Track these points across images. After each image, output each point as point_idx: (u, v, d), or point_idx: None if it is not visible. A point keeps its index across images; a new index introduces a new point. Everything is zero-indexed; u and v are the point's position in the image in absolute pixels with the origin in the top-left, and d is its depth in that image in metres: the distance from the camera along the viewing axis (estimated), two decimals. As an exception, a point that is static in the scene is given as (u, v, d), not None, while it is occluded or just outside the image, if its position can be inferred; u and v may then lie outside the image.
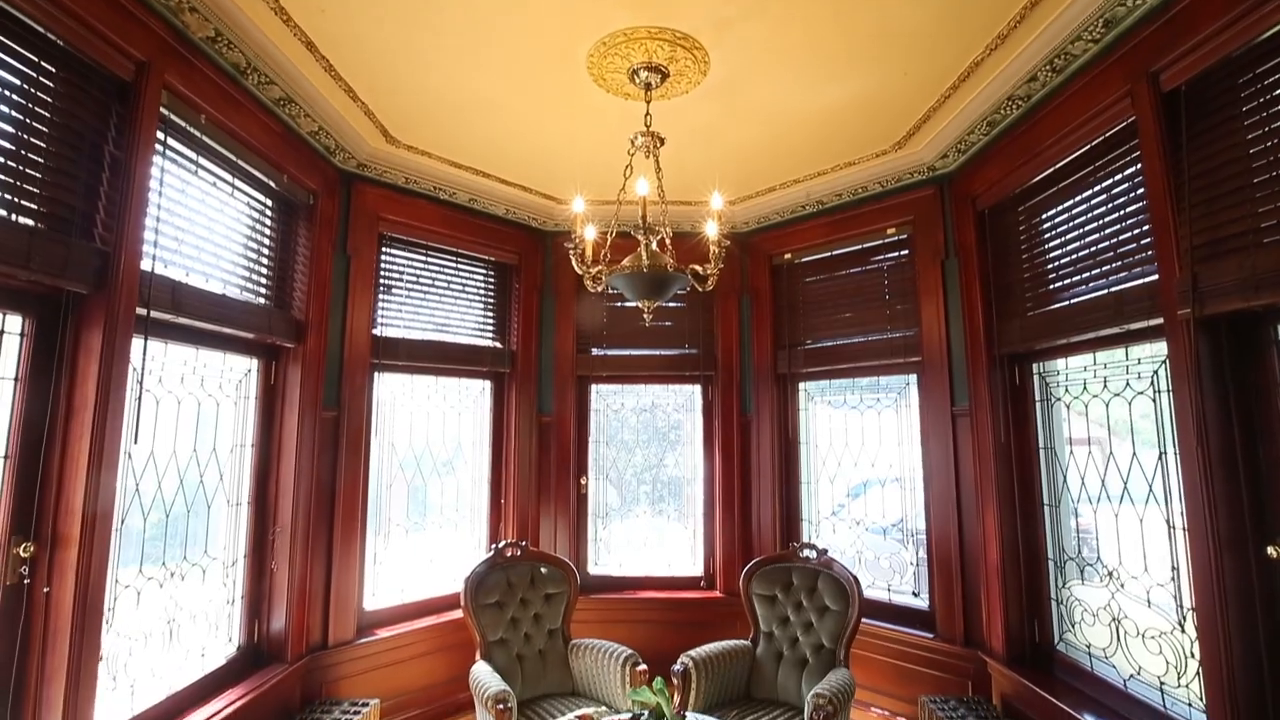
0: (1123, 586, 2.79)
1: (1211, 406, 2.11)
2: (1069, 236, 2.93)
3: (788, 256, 4.58)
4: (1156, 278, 2.34)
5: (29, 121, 1.97)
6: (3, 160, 1.90)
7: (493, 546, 3.57)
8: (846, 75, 2.95)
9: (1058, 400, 3.20)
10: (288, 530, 3.25)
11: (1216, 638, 2.07)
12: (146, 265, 2.34)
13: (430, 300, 4.21)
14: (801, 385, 4.56)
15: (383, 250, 3.97)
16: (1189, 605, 2.40)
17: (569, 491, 4.48)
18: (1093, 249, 2.78)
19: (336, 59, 2.86)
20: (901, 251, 4.10)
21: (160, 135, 2.43)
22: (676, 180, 3.65)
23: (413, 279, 4.13)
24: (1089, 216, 2.81)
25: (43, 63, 2.00)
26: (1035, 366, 3.32)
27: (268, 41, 2.68)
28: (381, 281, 3.96)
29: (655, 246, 2.59)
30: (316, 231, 3.49)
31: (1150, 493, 2.61)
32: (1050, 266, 3.06)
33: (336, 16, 2.55)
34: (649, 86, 2.83)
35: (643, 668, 3.11)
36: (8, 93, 1.92)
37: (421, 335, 4.12)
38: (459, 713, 3.93)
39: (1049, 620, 3.19)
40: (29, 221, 1.97)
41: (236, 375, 3.18)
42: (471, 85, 3.04)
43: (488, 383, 4.50)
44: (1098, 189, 2.76)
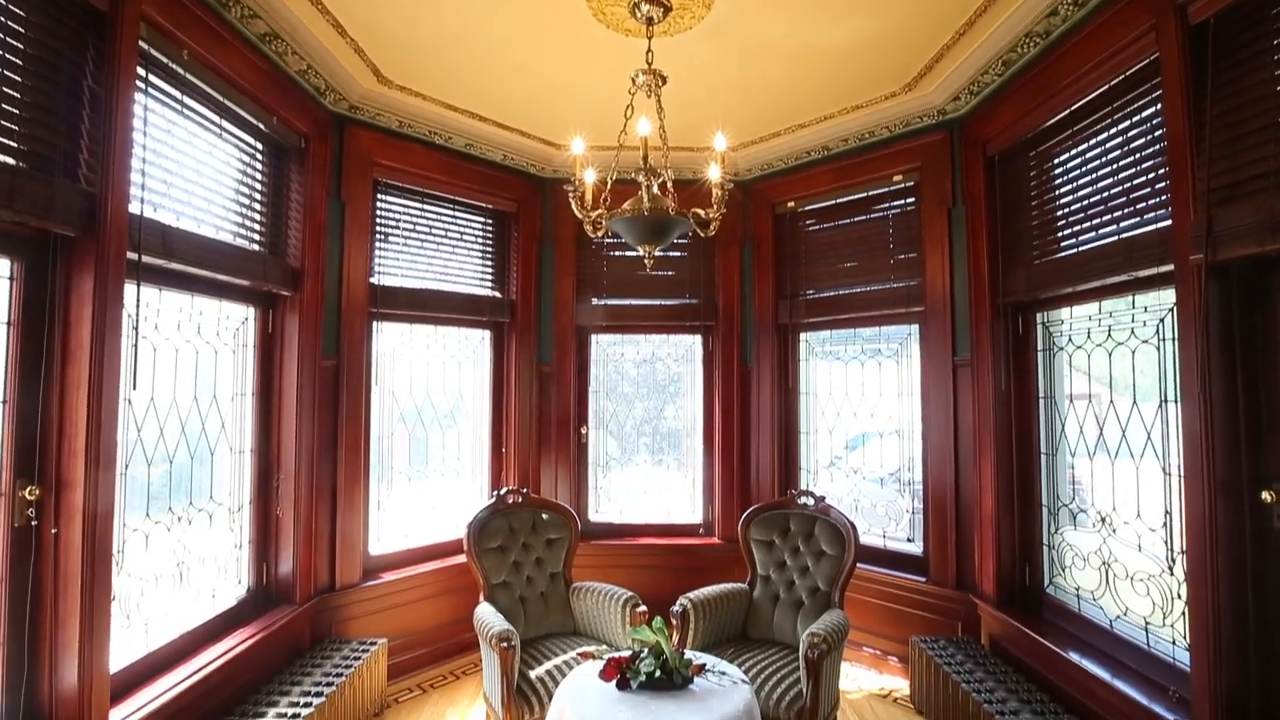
0: (1115, 532, 2.83)
1: (1217, 353, 2.10)
2: (1080, 182, 2.86)
3: (791, 205, 4.49)
4: (1169, 223, 2.29)
5: (1, 53, 1.88)
6: (-22, 94, 1.83)
7: (494, 493, 3.62)
8: (857, 10, 2.81)
9: (1060, 350, 3.18)
10: (291, 477, 3.29)
11: (1205, 578, 2.11)
12: (135, 209, 2.28)
13: (428, 249, 4.14)
14: (803, 336, 4.54)
15: (378, 197, 3.88)
16: (1179, 549, 2.44)
17: (569, 441, 4.51)
18: (1104, 194, 2.71)
19: (323, -10, 2.72)
20: (907, 199, 4.02)
21: (141, 71, 2.33)
22: (679, 121, 3.53)
23: (410, 227, 4.06)
24: (1102, 161, 2.73)
25: (12, -10, 1.90)
26: (1039, 316, 3.29)
27: (249, -30, 2.55)
28: (378, 229, 3.89)
29: (656, 190, 2.53)
30: (309, 177, 3.41)
31: (1148, 440, 2.63)
32: (1059, 214, 3.00)
33: (321, -58, 2.41)
34: (650, 21, 2.71)
35: (643, 609, 3.19)
36: (-22, 22, 1.83)
37: (420, 284, 4.08)
38: (464, 652, 4.07)
39: (1040, 565, 3.26)
40: (9, 160, 1.91)
41: (234, 323, 3.15)
42: (466, 19, 2.91)
43: (487, 332, 4.48)
44: (1113, 131, 2.68)
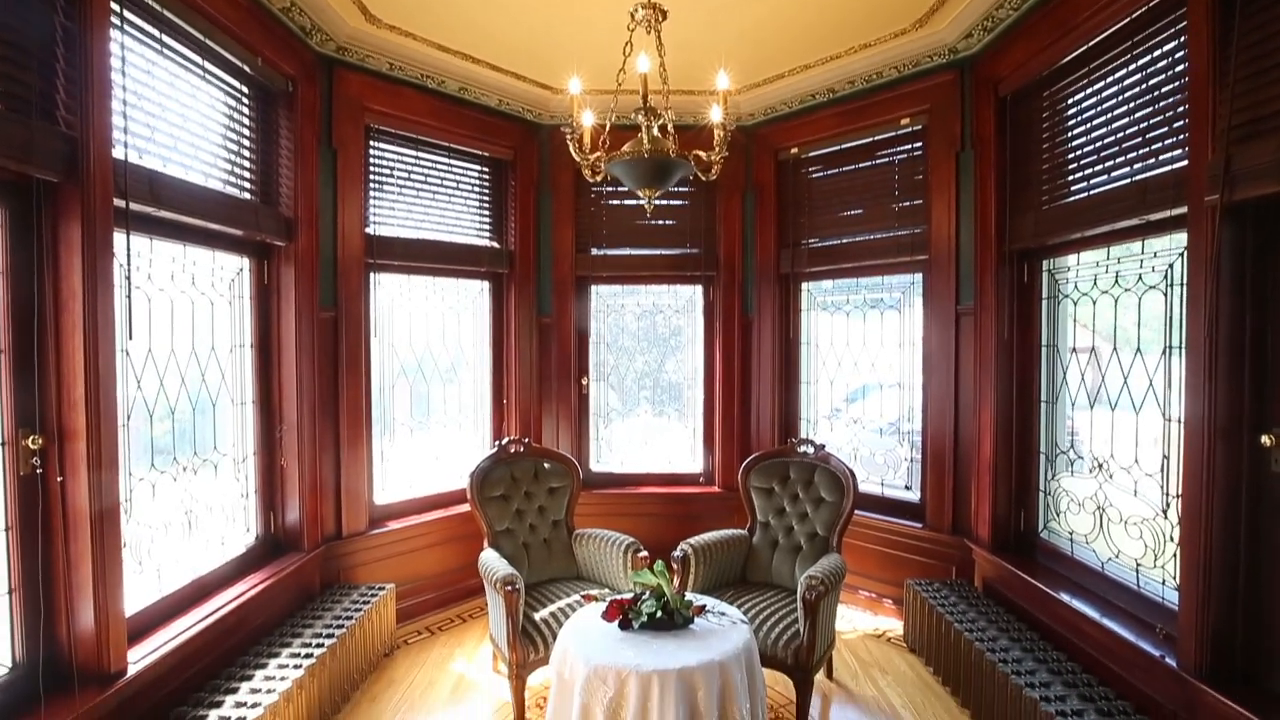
0: (1111, 477, 2.86)
1: (1226, 297, 2.07)
2: (1095, 123, 2.77)
3: (794, 151, 4.38)
4: (1185, 164, 2.23)
5: (-33, -15, 1.79)
6: (-55, 30, 1.75)
7: (496, 443, 3.65)
8: (868, -64, 2.67)
9: (1065, 297, 3.15)
10: (294, 428, 3.31)
11: (1199, 518, 2.14)
12: (119, 154, 2.22)
13: (424, 198, 4.05)
14: (805, 286, 4.50)
15: (371, 144, 3.78)
16: (1174, 493, 2.46)
17: (570, 392, 4.52)
18: (1119, 135, 2.63)
19: (302, -83, 2.57)
20: (914, 144, 3.91)
21: (115, 7, 2.22)
22: (679, 62, 3.39)
23: (404, 175, 3.96)
24: (1119, 99, 2.64)
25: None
26: (1045, 263, 3.24)
27: (224, -105, 2.40)
28: (372, 178, 3.79)
29: (656, 132, 2.45)
30: (299, 122, 3.30)
31: (1150, 386, 2.62)
32: (1071, 156, 2.92)
33: None
34: (650, -50, 2.57)
35: (644, 554, 3.26)
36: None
37: (417, 234, 4.01)
38: (470, 597, 4.18)
39: (1035, 510, 3.31)
40: (-16, 101, 1.84)
41: (228, 274, 3.11)
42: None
43: (486, 283, 4.43)
44: (1132, 68, 2.58)
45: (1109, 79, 2.69)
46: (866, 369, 4.24)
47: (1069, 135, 2.94)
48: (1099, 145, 2.74)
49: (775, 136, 4.40)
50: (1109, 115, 2.69)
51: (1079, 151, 2.87)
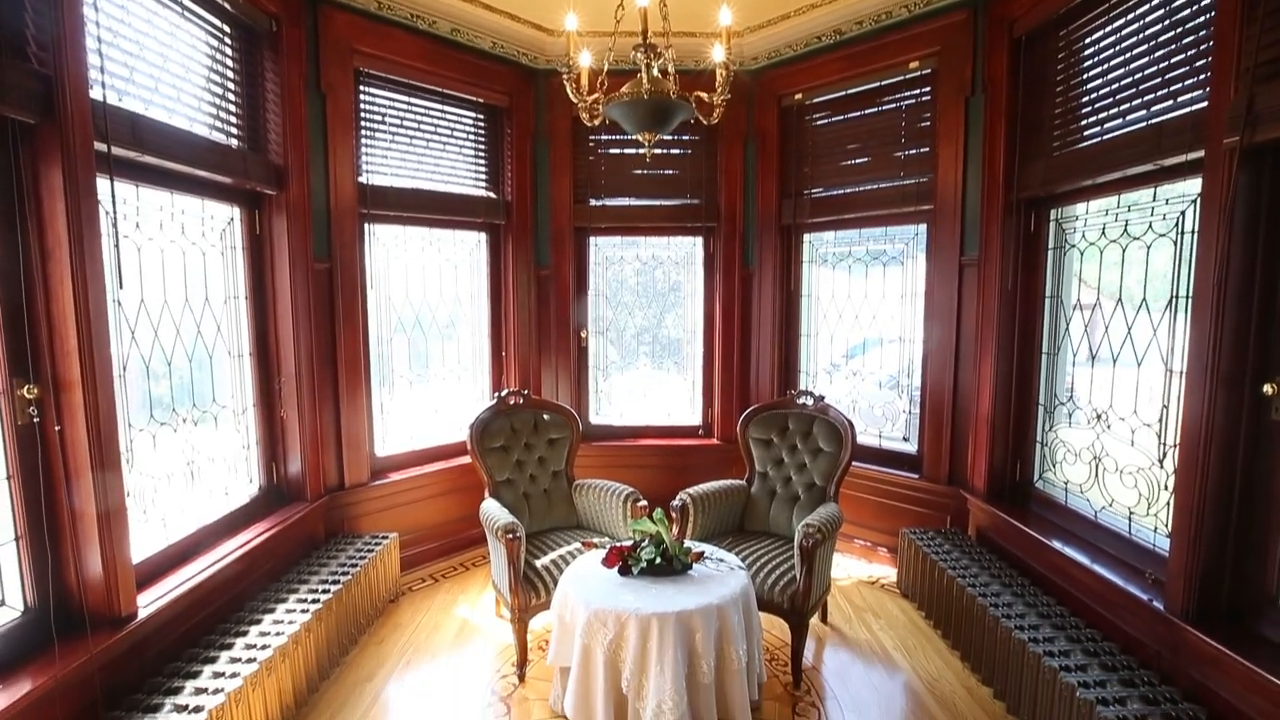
0: (1109, 428, 2.87)
1: (1239, 244, 2.03)
2: (1113, 64, 2.67)
3: (798, 97, 4.24)
4: (1205, 105, 2.16)
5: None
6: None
7: (495, 395, 3.65)
8: None
9: (1071, 247, 3.09)
10: (292, 380, 3.30)
11: (1195, 465, 2.15)
12: (98, 95, 2.13)
13: (418, 146, 3.94)
14: (806, 237, 4.43)
15: (361, 88, 3.65)
16: (1172, 443, 2.47)
17: (569, 344, 4.51)
18: (1137, 75, 2.54)
19: None
20: (923, 89, 3.78)
21: (84, -66, 2.10)
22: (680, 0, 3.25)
23: (396, 122, 3.84)
24: (1139, 38, 2.54)
25: None
26: (1053, 212, 3.18)
27: None
28: (363, 124, 3.68)
29: (656, 73, 2.35)
30: (284, 64, 3.18)
31: (1154, 336, 2.60)
32: (1086, 100, 2.83)
33: None
34: (650, -127, 2.41)
35: (643, 503, 3.30)
36: None
37: (411, 184, 3.91)
38: (472, 546, 4.26)
39: (1031, 461, 3.34)
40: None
41: (219, 224, 3.04)
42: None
43: (483, 235, 4.36)
44: (1155, 2, 2.46)
45: (1130, 16, 2.58)
46: (868, 322, 4.21)
47: (1085, 77, 2.84)
48: (1115, 88, 2.65)
49: (779, 82, 4.26)
50: (1128, 55, 2.59)
51: (1094, 94, 2.77)
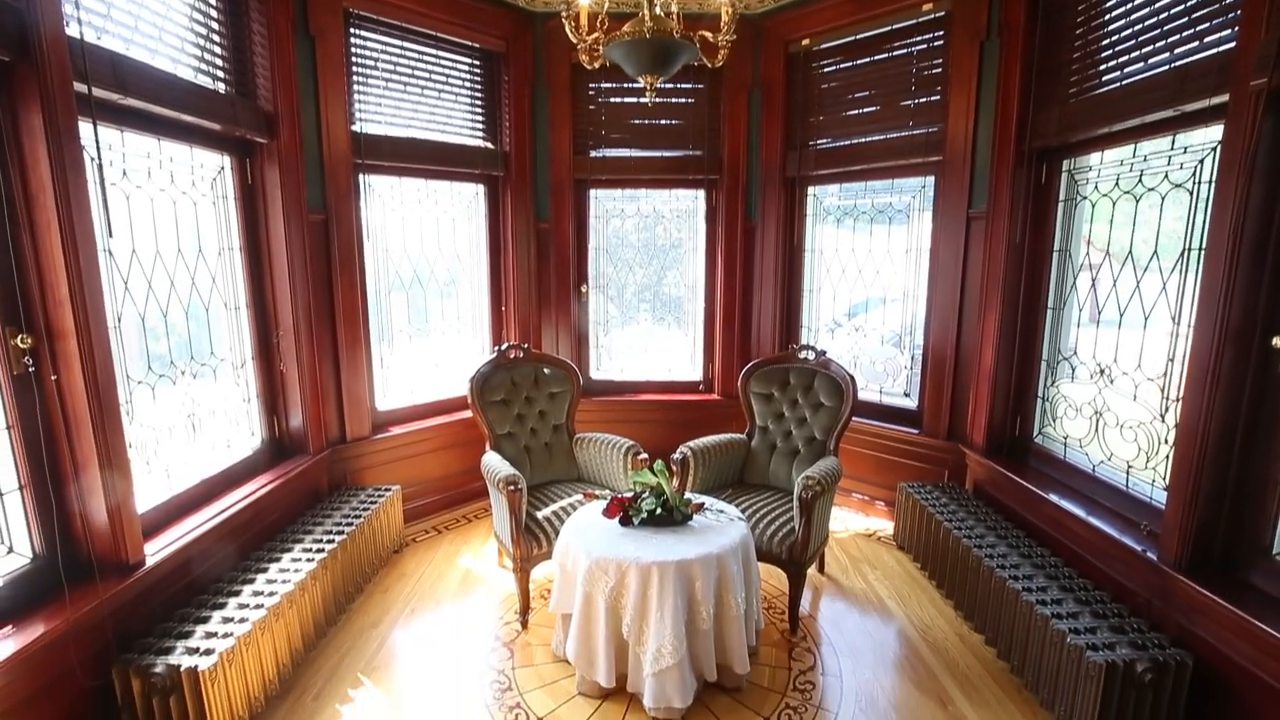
0: (1112, 382, 2.86)
1: (1258, 193, 1.97)
2: (1137, 1, 2.55)
3: (805, 43, 4.08)
4: (1232, 45, 2.07)
5: None
6: None
7: (495, 349, 3.63)
8: None
9: (1083, 199, 3.02)
10: (290, 333, 3.27)
11: (1199, 417, 2.15)
12: (75, 33, 2.05)
13: (412, 94, 3.81)
14: (811, 191, 4.33)
15: (351, 31, 3.51)
16: (1175, 396, 2.46)
17: (569, 299, 4.46)
18: (1161, 15, 2.43)
19: None
20: (935, 34, 3.64)
21: None
22: (684, -65, 3.09)
23: (390, 68, 3.71)
24: (1167, -27, 2.41)
25: None
26: (1065, 163, 3.09)
27: None
28: (355, 70, 3.55)
29: (659, 11, 2.24)
30: (270, 5, 3.05)
31: (1164, 289, 2.56)
32: (1106, 43, 2.72)
33: None
34: None
35: (644, 456, 3.32)
36: None
37: (406, 133, 3.80)
38: (474, 499, 4.31)
39: (1031, 417, 3.34)
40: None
41: (209, 173, 2.97)
42: None
43: (481, 187, 4.26)
44: (1185, -65, 2.33)
45: (1157, -49, 2.45)
46: (871, 276, 4.15)
47: (1106, 19, 2.72)
48: (1138, 29, 2.54)
49: (785, 27, 4.09)
50: (1154, -7, 2.47)
51: (1115, 36, 2.66)
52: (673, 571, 2.27)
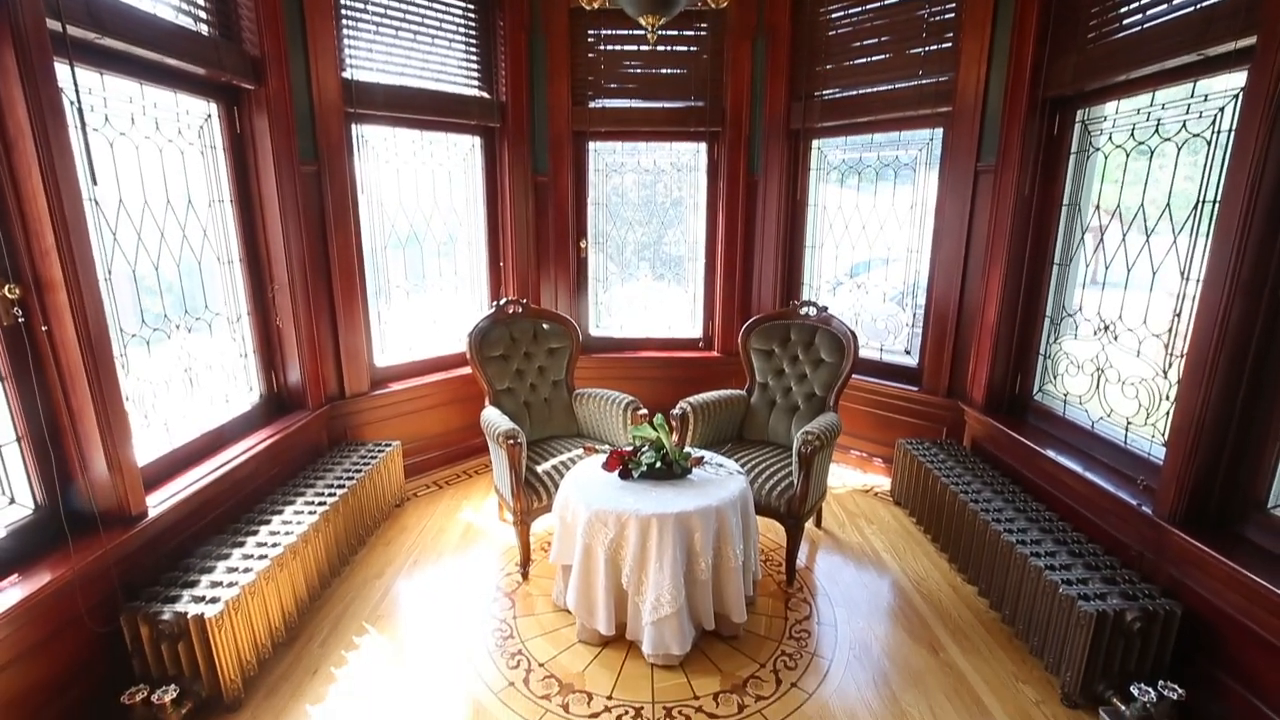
0: (1116, 339, 2.84)
1: (1279, 142, 1.91)
2: (1163, -63, 2.42)
3: (814, -16, 3.91)
4: (1262, -19, 1.96)
5: None
6: None
7: (494, 304, 3.59)
8: None
9: (1096, 151, 2.94)
10: (286, 288, 3.23)
11: (1202, 370, 2.13)
12: (46, -35, 1.94)
13: (404, 39, 3.67)
14: (815, 144, 4.22)
15: (337, -31, 3.35)
16: (1179, 352, 2.44)
17: (568, 254, 4.40)
18: (1188, -48, 2.31)
19: None
20: (950, -26, 3.48)
21: None
22: None
23: (380, 11, 3.56)
24: (1197, -95, 2.28)
25: None
26: (1079, 113, 3.00)
27: None
28: (344, 13, 3.41)
29: (661, -55, 2.13)
30: (251, -62, 2.90)
31: (1174, 243, 2.51)
32: (1129, -18, 2.59)
33: None
34: None
35: (643, 412, 3.32)
36: None
37: (399, 81, 3.68)
38: (474, 455, 4.34)
39: (1032, 374, 3.33)
40: None
41: (195, 120, 2.87)
42: None
43: (477, 139, 4.15)
44: None
45: (1187, -119, 2.32)
46: (875, 232, 4.08)
47: (1129, -43, 2.59)
48: (1163, -33, 2.42)
49: (793, -34, 3.92)
50: (1181, -73, 2.35)
51: (1139, -25, 2.54)
52: (672, 523, 2.29)
